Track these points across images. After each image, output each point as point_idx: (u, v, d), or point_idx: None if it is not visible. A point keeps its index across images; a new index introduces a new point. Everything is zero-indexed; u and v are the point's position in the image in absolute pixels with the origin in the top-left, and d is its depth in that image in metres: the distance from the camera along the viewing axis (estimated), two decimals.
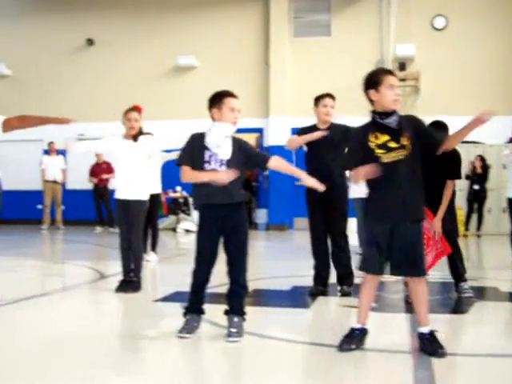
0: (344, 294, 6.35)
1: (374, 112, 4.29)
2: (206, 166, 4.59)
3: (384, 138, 4.20)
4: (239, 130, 4.79)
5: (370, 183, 4.32)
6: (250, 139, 4.66)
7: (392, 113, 4.23)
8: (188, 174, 4.64)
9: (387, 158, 4.18)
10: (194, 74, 17.41)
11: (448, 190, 6.10)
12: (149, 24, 17.68)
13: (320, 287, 6.46)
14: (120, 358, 4.26)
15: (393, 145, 4.18)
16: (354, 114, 13.16)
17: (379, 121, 4.24)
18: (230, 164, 4.61)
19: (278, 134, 15.92)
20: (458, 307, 6.00)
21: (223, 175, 4.55)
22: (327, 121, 6.47)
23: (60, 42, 18.18)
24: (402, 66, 16.07)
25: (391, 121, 4.21)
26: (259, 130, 16.80)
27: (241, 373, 4.06)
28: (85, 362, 4.02)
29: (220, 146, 4.62)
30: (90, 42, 18.05)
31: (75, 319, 5.47)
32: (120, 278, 6.79)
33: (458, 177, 6.25)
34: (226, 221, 4.63)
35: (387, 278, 5.36)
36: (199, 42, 17.33)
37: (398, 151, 4.17)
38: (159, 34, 17.57)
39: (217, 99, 4.68)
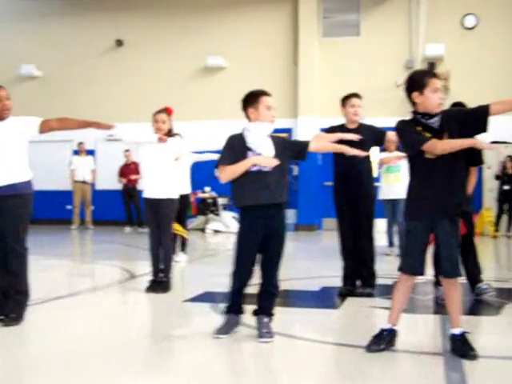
0: (363, 295, 6.32)
1: (416, 112, 4.24)
2: (252, 167, 4.53)
3: (427, 135, 4.13)
4: None
5: (412, 180, 4.27)
6: None
7: (435, 114, 4.17)
8: (228, 170, 4.54)
9: (430, 154, 4.13)
10: (223, 75, 17.42)
11: (472, 176, 6.05)
12: (177, 25, 17.72)
13: (349, 287, 6.44)
14: (149, 358, 4.27)
15: None
16: (382, 114, 13.16)
17: (423, 121, 4.18)
18: None
19: (307, 134, 15.84)
20: (488, 309, 5.92)
21: (265, 159, 4.52)
22: (356, 120, 6.44)
23: (89, 42, 18.31)
24: (432, 66, 15.93)
25: (434, 121, 4.15)
26: (288, 131, 16.73)
27: (270, 373, 4.05)
28: (114, 362, 4.06)
29: (263, 146, 4.58)
30: (119, 42, 18.13)
31: (105, 319, 5.51)
32: (150, 278, 6.83)
33: (481, 162, 6.26)
34: (269, 221, 4.57)
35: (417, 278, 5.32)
36: (228, 43, 17.34)
37: None
38: (188, 35, 17.59)
39: (252, 99, 4.64)
